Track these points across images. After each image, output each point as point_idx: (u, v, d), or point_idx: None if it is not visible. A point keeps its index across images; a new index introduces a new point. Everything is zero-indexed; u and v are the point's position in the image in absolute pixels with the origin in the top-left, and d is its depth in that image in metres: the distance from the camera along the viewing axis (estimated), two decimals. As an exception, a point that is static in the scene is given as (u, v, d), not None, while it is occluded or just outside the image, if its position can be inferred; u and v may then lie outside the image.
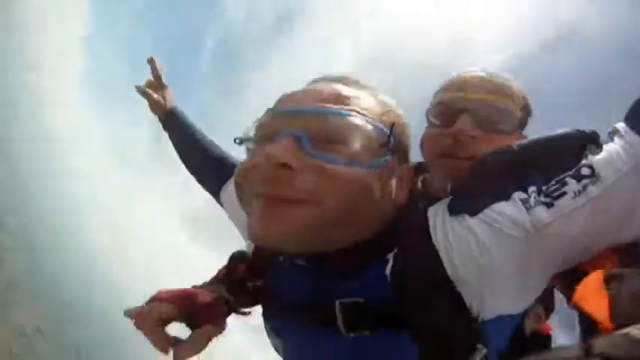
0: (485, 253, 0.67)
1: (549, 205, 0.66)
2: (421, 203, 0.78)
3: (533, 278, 0.70)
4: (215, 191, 1.19)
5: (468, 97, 1.01)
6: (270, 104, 0.75)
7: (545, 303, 0.91)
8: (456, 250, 0.68)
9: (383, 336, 0.69)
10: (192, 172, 1.31)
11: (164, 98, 1.35)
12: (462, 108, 1.00)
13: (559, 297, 0.93)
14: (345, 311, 0.69)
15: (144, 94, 1.34)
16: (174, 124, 1.34)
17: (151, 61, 1.34)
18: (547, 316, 0.97)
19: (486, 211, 0.69)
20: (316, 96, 0.69)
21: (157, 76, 1.36)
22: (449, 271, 0.68)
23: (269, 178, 0.62)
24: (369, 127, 0.68)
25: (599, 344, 0.42)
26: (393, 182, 0.72)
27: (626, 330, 0.43)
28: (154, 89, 1.35)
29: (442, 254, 0.69)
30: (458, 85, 1.07)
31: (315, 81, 0.77)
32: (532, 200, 0.67)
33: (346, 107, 0.68)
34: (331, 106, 0.67)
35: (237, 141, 0.74)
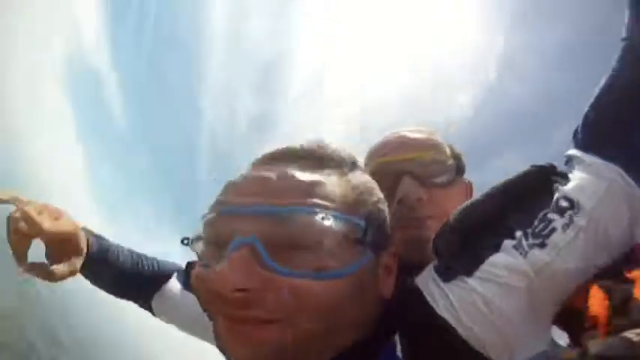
0: (494, 308, 0.62)
1: (542, 246, 0.64)
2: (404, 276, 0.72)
3: (545, 316, 0.66)
4: (147, 305, 1.08)
5: (403, 159, 1.01)
6: None
7: None
8: (462, 311, 0.62)
9: None
10: (112, 294, 1.10)
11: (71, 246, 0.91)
12: (400, 171, 0.99)
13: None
14: None
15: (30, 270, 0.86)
16: (97, 268, 1.00)
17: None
18: None
19: (482, 267, 0.65)
20: (268, 187, 0.58)
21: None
22: (461, 332, 0.61)
23: (229, 300, 0.52)
24: (339, 224, 0.56)
25: (596, 346, 0.43)
26: (375, 277, 0.63)
27: (622, 333, 0.44)
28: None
29: (449, 318, 0.63)
30: (387, 148, 1.07)
31: (266, 160, 0.65)
32: (524, 244, 0.65)
33: (307, 201, 0.56)
34: (289, 201, 0.55)
35: (184, 242, 0.64)
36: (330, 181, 0.60)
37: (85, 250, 0.93)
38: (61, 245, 0.88)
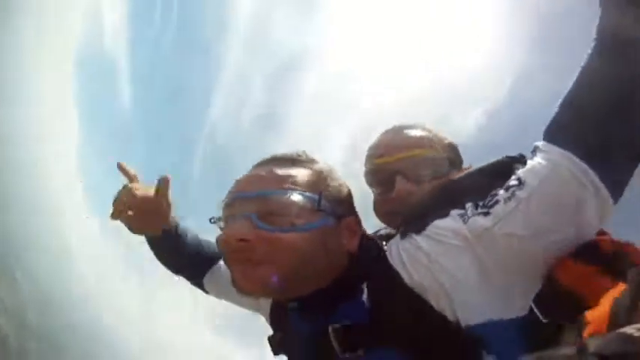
0: (433, 261, 0.77)
1: (486, 214, 0.75)
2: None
3: (501, 284, 0.74)
4: (199, 281, 1.31)
5: (395, 159, 1.09)
6: None
7: None
8: (408, 262, 0.80)
9: (377, 354, 0.77)
10: (172, 269, 1.32)
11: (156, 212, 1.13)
12: (394, 170, 1.08)
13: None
14: (337, 333, 0.79)
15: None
16: (169, 241, 1.22)
17: (119, 166, 1.14)
18: None
19: (428, 227, 0.82)
20: (257, 180, 0.86)
21: (133, 177, 1.15)
22: (406, 280, 0.79)
23: (234, 249, 0.79)
24: (301, 198, 0.82)
25: (594, 343, 0.42)
26: (337, 235, 0.85)
27: (621, 329, 0.43)
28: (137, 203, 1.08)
29: (398, 268, 0.81)
30: (381, 150, 1.14)
31: (258, 164, 0.93)
32: (469, 212, 0.78)
33: (280, 185, 0.83)
34: (269, 187, 0.83)
35: (212, 221, 0.91)
36: (297, 171, 0.87)
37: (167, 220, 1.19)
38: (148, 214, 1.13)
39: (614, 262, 0.67)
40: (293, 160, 0.91)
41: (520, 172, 0.76)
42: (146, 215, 1.12)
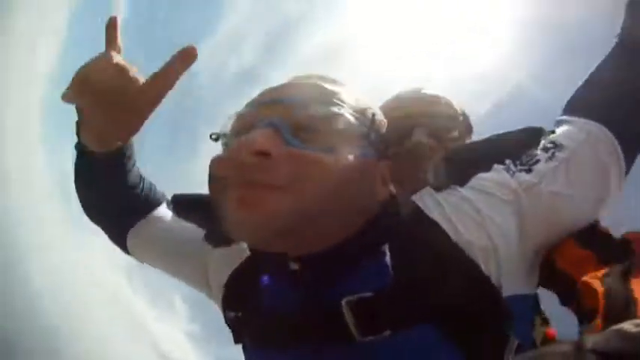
0: (484, 215, 0.67)
1: (528, 171, 0.70)
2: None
3: (533, 247, 0.71)
4: (122, 232, 0.94)
5: (416, 112, 1.05)
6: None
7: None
8: (454, 215, 0.68)
9: (407, 334, 0.61)
10: (92, 209, 0.95)
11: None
12: (413, 122, 1.03)
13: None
14: (355, 309, 0.61)
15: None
16: (113, 165, 0.84)
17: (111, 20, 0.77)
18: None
19: (473, 180, 0.72)
20: (297, 88, 0.70)
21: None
22: (453, 236, 0.66)
23: (246, 165, 0.59)
24: (349, 117, 0.67)
25: (591, 340, 0.40)
26: (373, 176, 0.71)
27: (618, 325, 0.41)
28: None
29: (440, 222, 0.68)
30: (400, 102, 1.11)
31: (296, 77, 0.76)
32: (512, 168, 0.72)
33: (326, 98, 0.68)
34: (312, 95, 0.67)
35: (212, 137, 0.71)
36: (344, 91, 0.71)
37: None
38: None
39: (609, 247, 0.68)
40: (334, 80, 0.75)
41: (553, 136, 0.74)
42: (117, 108, 0.71)
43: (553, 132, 0.76)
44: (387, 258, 0.65)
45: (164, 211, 0.94)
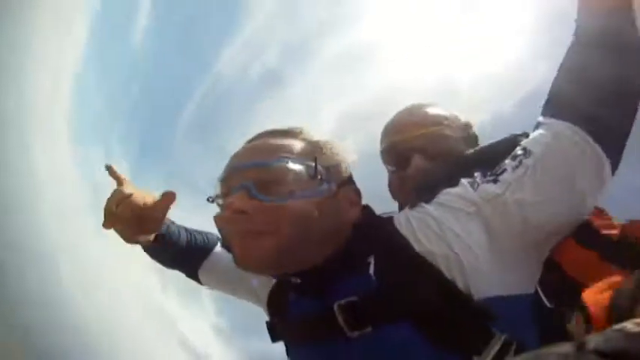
0: (445, 228, 0.77)
1: (495, 181, 0.78)
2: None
3: (508, 255, 0.76)
4: (194, 274, 1.31)
5: (412, 137, 1.09)
6: None
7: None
8: (418, 229, 0.80)
9: (386, 330, 0.75)
10: (168, 266, 1.32)
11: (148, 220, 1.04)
12: (411, 148, 1.08)
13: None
14: (343, 310, 0.78)
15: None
16: (162, 244, 1.16)
17: (109, 169, 1.05)
18: None
19: (439, 196, 0.83)
20: (253, 151, 0.87)
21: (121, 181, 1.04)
22: (416, 247, 0.78)
23: (232, 221, 0.80)
24: (297, 166, 0.83)
25: (594, 340, 0.40)
26: (337, 204, 0.85)
27: (620, 325, 0.41)
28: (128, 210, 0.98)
29: (408, 236, 0.80)
30: (398, 127, 1.15)
31: (253, 138, 0.94)
32: (478, 180, 0.80)
33: (275, 155, 0.84)
34: (265, 157, 0.84)
35: (209, 200, 0.90)
36: (291, 142, 0.87)
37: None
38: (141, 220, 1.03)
39: (615, 248, 0.68)
40: (287, 133, 0.91)
41: (524, 142, 0.80)
42: (140, 223, 1.02)
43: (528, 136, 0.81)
44: (371, 269, 0.80)
45: (219, 250, 1.30)
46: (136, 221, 1.01)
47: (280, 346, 0.97)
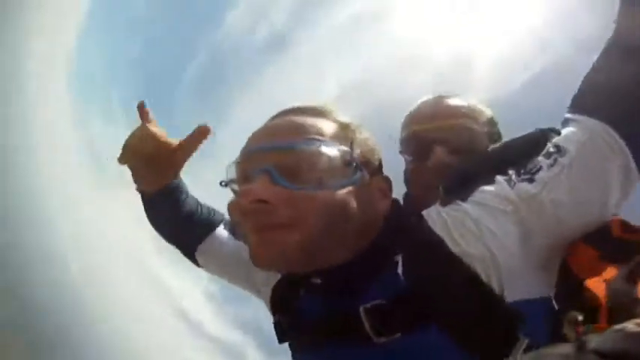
0: (483, 228, 0.72)
1: (531, 180, 0.73)
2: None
3: (541, 254, 0.73)
4: (191, 251, 1.16)
5: (435, 127, 1.05)
6: (254, 125, 0.82)
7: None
8: (454, 229, 0.74)
9: (415, 336, 0.69)
10: (165, 234, 1.19)
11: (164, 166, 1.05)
12: (433, 139, 1.04)
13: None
14: (370, 315, 0.71)
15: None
16: (168, 198, 1.10)
17: (140, 106, 1.02)
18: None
19: (475, 193, 0.77)
20: (277, 131, 0.77)
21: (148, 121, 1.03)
22: (452, 248, 0.72)
23: (250, 212, 0.70)
24: (329, 150, 0.73)
25: (594, 340, 0.40)
26: (370, 195, 0.77)
27: (620, 325, 0.41)
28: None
29: (442, 234, 0.74)
30: (421, 117, 1.11)
31: (276, 116, 0.84)
32: (514, 178, 0.75)
33: (304, 136, 0.74)
34: (292, 138, 0.74)
35: (222, 184, 0.82)
36: (322, 122, 0.77)
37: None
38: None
39: (617, 247, 0.67)
40: (316, 111, 0.81)
41: (557, 139, 0.76)
42: (157, 166, 1.02)
43: (559, 133, 0.78)
44: (400, 269, 0.73)
45: (222, 232, 1.15)
46: (154, 160, 1.00)
47: (269, 315, 0.93)
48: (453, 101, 1.12)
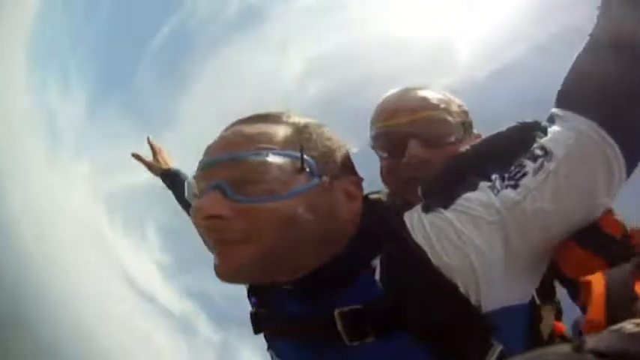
0: (465, 239, 0.70)
1: (515, 187, 0.71)
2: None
3: (520, 265, 0.72)
4: None
5: (407, 121, 1.02)
6: (216, 99, 0.78)
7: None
8: (435, 239, 0.71)
9: (388, 341, 0.70)
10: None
11: (158, 161, 1.76)
12: (406, 134, 1.01)
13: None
14: (344, 319, 0.71)
15: (138, 159, 1.77)
16: (168, 182, 1.70)
17: (148, 142, 1.78)
18: (558, 318, 0.97)
19: (458, 201, 0.74)
20: (228, 143, 0.74)
21: (155, 152, 1.78)
22: (433, 260, 0.70)
23: (206, 228, 0.70)
24: (277, 159, 0.70)
25: (592, 340, 0.39)
26: (331, 199, 0.74)
27: (619, 325, 0.41)
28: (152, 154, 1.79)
29: (423, 245, 0.72)
30: (391, 111, 1.07)
31: (229, 126, 0.81)
32: (498, 185, 0.73)
33: (254, 146, 0.71)
34: (240, 149, 0.71)
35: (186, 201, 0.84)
36: (274, 129, 0.75)
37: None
38: None
39: (610, 246, 0.67)
40: (267, 117, 0.79)
41: (544, 141, 0.73)
42: (150, 166, 1.78)
43: (545, 130, 0.76)
44: (377, 275, 0.72)
45: None
46: (149, 166, 1.79)
47: (220, 286, 0.92)
48: (423, 93, 1.08)
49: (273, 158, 0.70)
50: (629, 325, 0.40)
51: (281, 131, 0.75)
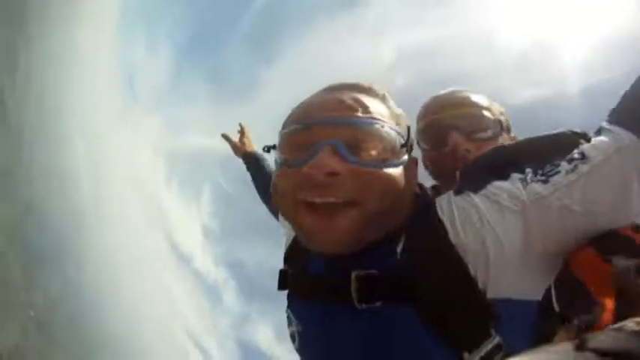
0: (486, 223, 0.73)
1: (545, 182, 0.73)
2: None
3: (538, 257, 0.74)
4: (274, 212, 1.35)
5: (451, 115, 1.11)
6: (303, 78, 0.80)
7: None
8: (458, 218, 0.76)
9: (394, 309, 0.73)
10: (263, 201, 1.57)
11: (244, 143, 1.75)
12: (449, 126, 1.09)
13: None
14: (358, 281, 0.75)
15: (226, 139, 1.78)
16: (250, 164, 1.67)
17: (239, 126, 1.79)
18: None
19: (488, 187, 0.77)
20: (341, 106, 0.77)
21: (242, 134, 1.78)
22: (451, 237, 0.74)
23: (320, 185, 0.70)
24: (392, 132, 0.77)
25: (593, 338, 0.39)
26: (411, 175, 0.81)
27: (620, 324, 0.42)
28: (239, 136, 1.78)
29: (446, 222, 0.76)
30: (437, 107, 1.17)
31: (332, 89, 0.84)
32: (529, 178, 0.75)
33: (369, 115, 0.76)
34: (358, 115, 0.75)
35: (265, 149, 0.85)
36: (379, 104, 0.81)
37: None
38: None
39: (625, 245, 0.68)
40: (370, 91, 0.83)
41: (584, 146, 0.75)
42: (236, 148, 1.75)
43: (590, 139, 0.78)
44: (400, 247, 0.77)
45: None
46: (234, 147, 1.77)
47: (254, 259, 0.98)
48: (467, 93, 1.16)
49: (388, 129, 0.76)
50: (630, 324, 0.41)
51: (385, 108, 0.82)
